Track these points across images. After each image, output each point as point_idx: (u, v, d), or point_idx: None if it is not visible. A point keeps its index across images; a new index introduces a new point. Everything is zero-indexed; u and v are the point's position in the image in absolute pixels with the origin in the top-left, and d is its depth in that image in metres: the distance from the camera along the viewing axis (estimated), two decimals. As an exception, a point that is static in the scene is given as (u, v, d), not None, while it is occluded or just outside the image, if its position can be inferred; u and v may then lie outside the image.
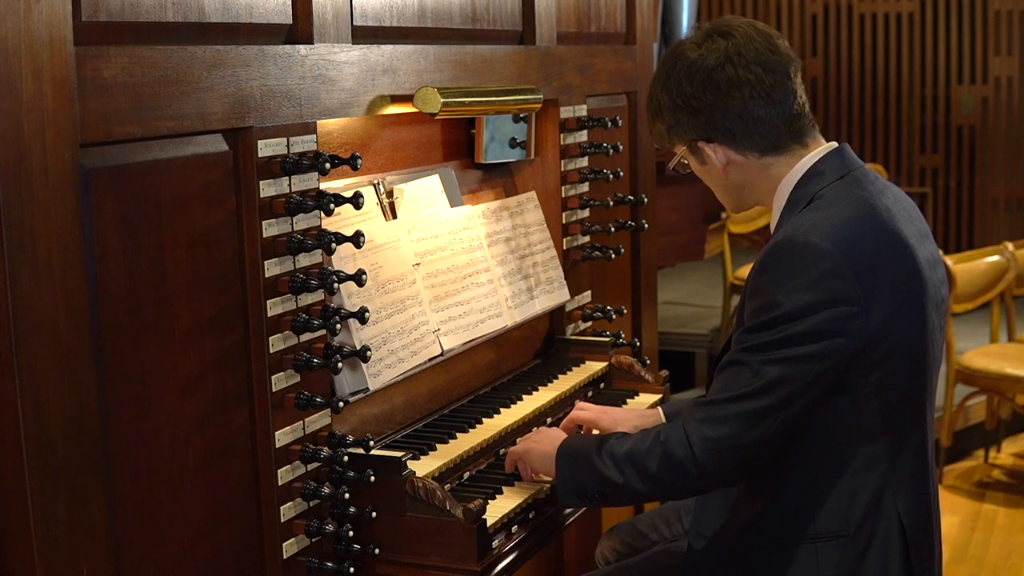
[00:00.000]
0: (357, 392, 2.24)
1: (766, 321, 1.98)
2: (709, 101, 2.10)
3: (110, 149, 1.72)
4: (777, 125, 2.10)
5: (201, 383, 1.90)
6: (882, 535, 2.05)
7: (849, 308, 1.94)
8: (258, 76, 1.96)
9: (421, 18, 2.43)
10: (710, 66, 2.09)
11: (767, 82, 2.09)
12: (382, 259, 2.37)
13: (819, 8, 8.72)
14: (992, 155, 8.34)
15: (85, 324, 1.67)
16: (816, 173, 2.10)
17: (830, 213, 2.02)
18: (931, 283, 2.06)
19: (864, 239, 1.99)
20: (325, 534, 2.08)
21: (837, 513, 2.05)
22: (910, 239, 2.05)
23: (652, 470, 2.06)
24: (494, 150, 2.89)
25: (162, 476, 1.83)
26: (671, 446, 2.04)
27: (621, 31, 3.37)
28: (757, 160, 2.13)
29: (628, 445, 2.11)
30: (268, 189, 1.99)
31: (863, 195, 2.05)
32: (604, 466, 2.12)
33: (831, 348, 1.95)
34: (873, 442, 2.04)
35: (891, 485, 2.05)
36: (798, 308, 1.94)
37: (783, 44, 2.14)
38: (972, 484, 5.23)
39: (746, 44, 2.09)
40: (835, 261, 1.94)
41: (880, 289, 1.97)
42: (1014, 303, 5.58)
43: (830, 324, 1.94)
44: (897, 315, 1.99)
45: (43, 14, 1.58)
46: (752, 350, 1.99)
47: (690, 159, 2.22)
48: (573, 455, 2.20)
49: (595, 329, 3.18)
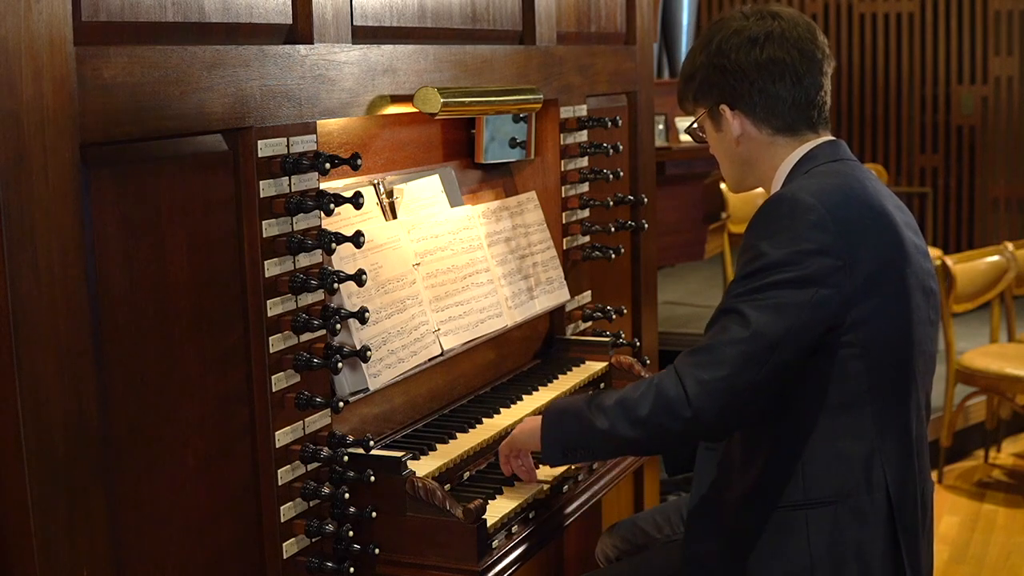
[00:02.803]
0: (357, 392, 2.24)
1: (754, 269, 2.06)
2: (744, 68, 2.21)
3: (110, 149, 1.72)
4: (797, 109, 2.22)
5: (201, 383, 1.90)
6: (870, 504, 2.10)
7: (833, 260, 2.02)
8: (258, 76, 1.96)
9: (421, 18, 2.43)
10: (753, 37, 2.21)
11: (800, 67, 2.20)
12: (382, 259, 2.37)
13: (819, 8, 8.72)
14: (992, 155, 8.34)
15: (85, 324, 1.67)
16: (810, 157, 2.22)
17: (818, 181, 2.14)
18: (917, 264, 2.14)
19: (849, 203, 2.09)
20: (325, 534, 2.08)
21: (826, 480, 2.09)
22: (895, 216, 2.15)
23: (642, 413, 2.08)
24: (494, 150, 2.89)
25: (162, 476, 1.83)
26: (664, 387, 2.07)
27: (621, 31, 3.37)
28: (769, 137, 2.24)
29: (618, 394, 2.15)
30: (268, 189, 1.99)
31: (851, 173, 2.18)
32: (591, 414, 2.15)
33: (817, 298, 2.02)
34: (859, 409, 2.09)
35: (879, 455, 2.10)
36: (784, 256, 2.03)
37: (823, 40, 2.26)
38: (972, 484, 5.23)
39: (791, 27, 2.22)
40: (820, 215, 2.04)
41: (863, 250, 2.05)
42: (1014, 303, 5.58)
43: (815, 273, 2.02)
44: (879, 278, 2.06)
45: (43, 14, 1.58)
46: (740, 296, 2.06)
47: (707, 124, 2.31)
48: (559, 412, 2.23)
49: (595, 329, 3.18)
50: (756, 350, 2.02)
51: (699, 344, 2.10)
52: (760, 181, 2.30)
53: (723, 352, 2.04)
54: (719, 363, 2.03)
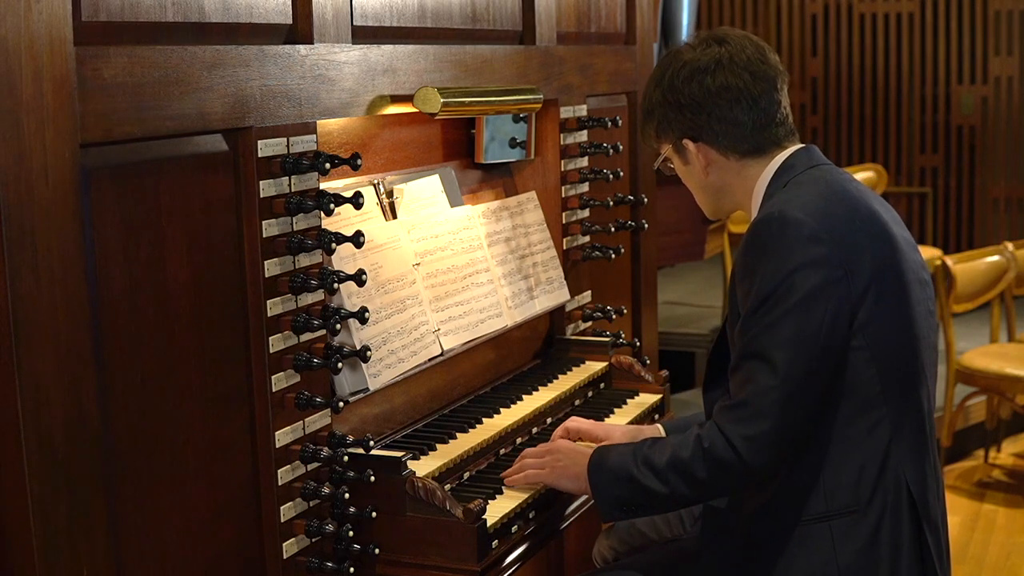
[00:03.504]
0: (357, 392, 2.24)
1: (760, 302, 2.04)
2: (698, 100, 2.21)
3: (110, 149, 1.72)
4: (759, 131, 2.22)
5: (201, 383, 1.90)
6: (892, 507, 2.08)
7: (833, 271, 2.02)
8: (258, 76, 1.96)
9: (421, 18, 2.43)
10: (702, 67, 2.20)
11: (754, 90, 2.20)
12: (382, 259, 2.37)
13: (819, 8, 8.72)
14: (992, 155, 8.34)
15: (85, 324, 1.67)
16: (787, 167, 2.21)
17: (801, 192, 2.13)
18: (909, 257, 2.14)
19: (836, 210, 2.09)
20: (325, 534, 2.08)
21: (847, 489, 2.07)
22: (882, 215, 2.14)
23: (700, 476, 2.08)
24: (494, 150, 2.89)
25: (162, 476, 1.83)
26: (716, 452, 2.06)
27: (621, 31, 3.37)
28: (736, 162, 2.24)
29: (668, 454, 2.12)
30: (268, 189, 1.99)
31: (832, 179, 2.17)
32: (644, 478, 2.13)
33: (828, 314, 2.01)
34: (875, 412, 2.07)
35: (896, 456, 2.08)
36: (784, 275, 2.02)
37: (773, 57, 2.26)
38: (972, 484, 5.23)
39: (739, 51, 2.21)
40: (811, 228, 2.03)
41: (860, 253, 2.05)
42: (1014, 303, 5.57)
43: (819, 290, 2.01)
44: (879, 279, 2.06)
45: (43, 14, 1.58)
46: (757, 337, 2.04)
47: (674, 158, 2.32)
48: (610, 473, 2.19)
49: (595, 329, 3.18)
50: (791, 393, 2.01)
51: (733, 398, 2.08)
52: (737, 204, 2.30)
53: (759, 404, 2.02)
54: (760, 416, 2.02)
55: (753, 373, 2.04)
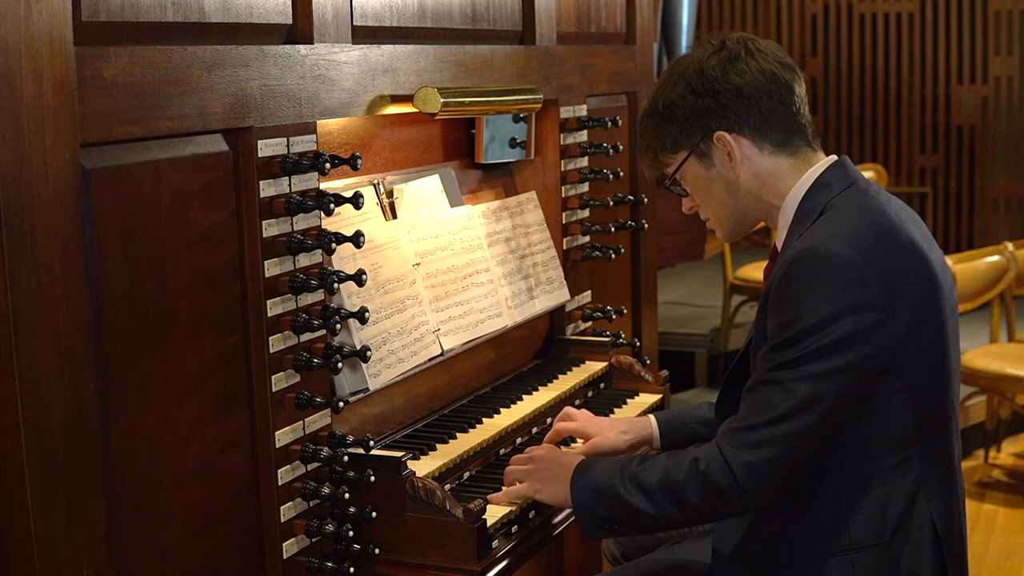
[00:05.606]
0: (357, 392, 2.24)
1: (793, 335, 1.96)
2: (736, 86, 2.12)
3: (110, 149, 1.72)
4: (790, 118, 2.14)
5: (201, 383, 1.90)
6: (915, 541, 2.03)
7: (875, 315, 1.94)
8: (258, 76, 1.96)
9: (421, 18, 2.43)
10: (733, 56, 2.13)
11: (785, 78, 2.14)
12: (382, 259, 2.37)
13: (819, 8, 8.72)
14: (992, 155, 8.34)
15: (85, 324, 1.67)
16: (823, 184, 2.11)
17: (846, 222, 2.02)
18: (946, 287, 2.07)
19: (883, 247, 1.99)
20: (325, 534, 2.08)
21: (871, 522, 2.02)
22: (922, 245, 2.06)
23: (693, 500, 2.02)
24: (494, 150, 2.89)
25: (162, 476, 1.83)
26: (713, 475, 2.00)
27: (621, 31, 3.37)
28: (770, 156, 2.13)
29: (659, 474, 2.05)
30: (268, 189, 1.99)
31: (873, 204, 2.07)
32: (631, 496, 2.07)
33: (860, 358, 1.94)
34: (905, 450, 2.02)
35: (923, 491, 2.03)
36: (824, 319, 1.93)
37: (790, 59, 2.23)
38: (972, 484, 5.23)
39: (764, 44, 2.17)
40: (858, 269, 1.94)
41: (902, 296, 1.97)
42: (1014, 303, 5.57)
43: (857, 333, 1.93)
44: (919, 321, 1.99)
45: (43, 14, 1.58)
46: (781, 367, 1.97)
47: (693, 168, 2.18)
48: (592, 491, 2.12)
49: (595, 329, 3.18)
50: (803, 427, 1.95)
51: (741, 420, 2.01)
52: (764, 214, 2.19)
53: (769, 432, 1.96)
54: (767, 443, 1.97)
55: (769, 398, 1.98)
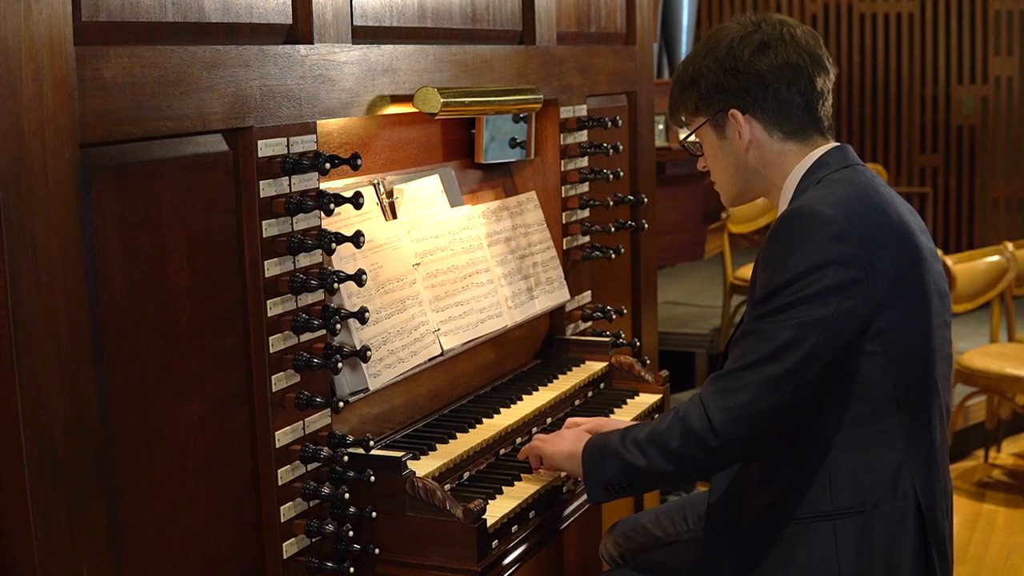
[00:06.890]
0: (357, 392, 2.24)
1: (776, 287, 2.03)
2: (760, 71, 2.18)
3: (110, 149, 1.72)
4: (806, 113, 2.21)
5: (201, 383, 1.90)
6: (899, 513, 2.08)
7: (856, 272, 2.00)
8: (258, 76, 1.96)
9: (421, 18, 2.43)
10: (765, 40, 2.19)
11: (812, 71, 2.20)
12: (382, 259, 2.37)
13: (819, 8, 8.72)
14: (992, 155, 8.34)
15: (85, 324, 1.67)
16: (822, 164, 2.20)
17: (834, 191, 2.11)
18: (932, 268, 2.13)
19: (868, 211, 2.08)
20: (325, 534, 2.08)
21: (854, 490, 2.07)
22: (911, 223, 2.13)
23: (673, 446, 2.09)
24: (494, 150, 2.89)
25: (162, 476, 1.83)
26: (690, 420, 2.07)
27: (621, 31, 3.37)
28: (778, 143, 2.22)
29: (649, 427, 2.15)
30: (268, 189, 1.99)
31: (865, 180, 2.16)
32: (628, 453, 2.15)
33: (840, 311, 2.00)
34: (887, 420, 2.07)
35: (907, 464, 2.08)
36: (806, 270, 2.00)
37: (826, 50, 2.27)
38: (972, 484, 5.23)
39: (800, 33, 2.22)
40: (841, 226, 2.02)
41: (884, 259, 2.03)
42: (1014, 303, 5.58)
43: (838, 286, 2.00)
44: (902, 290, 2.05)
45: (43, 14, 1.58)
46: (763, 317, 2.04)
47: (708, 134, 2.27)
48: (597, 451, 2.22)
49: (595, 329, 3.18)
50: (780, 372, 2.01)
51: (723, 369, 2.09)
52: (766, 191, 2.28)
53: (746, 377, 2.03)
54: (742, 389, 2.03)
55: (750, 346, 2.05)
